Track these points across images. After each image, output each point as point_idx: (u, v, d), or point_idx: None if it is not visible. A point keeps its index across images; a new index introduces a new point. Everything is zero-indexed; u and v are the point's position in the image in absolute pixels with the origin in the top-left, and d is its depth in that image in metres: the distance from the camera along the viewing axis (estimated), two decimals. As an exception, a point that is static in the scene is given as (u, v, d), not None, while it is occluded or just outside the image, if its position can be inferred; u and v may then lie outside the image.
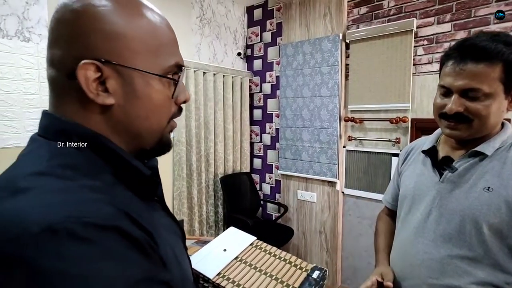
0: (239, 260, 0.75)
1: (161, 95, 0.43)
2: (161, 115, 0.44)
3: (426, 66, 1.99)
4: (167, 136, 0.47)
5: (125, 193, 0.40)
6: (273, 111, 2.92)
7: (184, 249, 0.51)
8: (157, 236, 0.38)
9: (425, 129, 2.00)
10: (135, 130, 0.42)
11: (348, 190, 2.38)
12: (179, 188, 2.39)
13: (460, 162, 0.77)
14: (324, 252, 2.52)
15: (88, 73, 0.37)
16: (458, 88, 0.71)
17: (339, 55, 2.31)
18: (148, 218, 0.40)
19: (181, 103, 0.47)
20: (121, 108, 0.41)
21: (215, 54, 2.76)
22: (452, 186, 0.77)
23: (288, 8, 2.61)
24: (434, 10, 1.93)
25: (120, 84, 0.40)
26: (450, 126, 0.75)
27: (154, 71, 0.42)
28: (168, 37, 0.44)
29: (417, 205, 0.84)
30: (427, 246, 0.78)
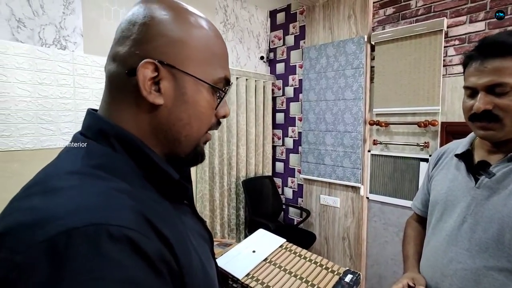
0: (268, 262, 0.74)
1: (207, 104, 0.44)
2: (202, 123, 0.45)
3: (457, 67, 1.91)
4: (201, 147, 0.48)
5: (154, 196, 0.40)
6: (296, 115, 2.90)
7: (210, 254, 0.51)
8: (180, 245, 0.37)
9: (456, 133, 1.91)
10: (174, 134, 0.43)
11: (373, 195, 2.32)
12: (201, 191, 2.42)
13: (498, 166, 0.73)
14: (347, 259, 2.46)
15: (146, 71, 0.39)
16: (483, 85, 0.69)
17: (363, 57, 2.26)
18: (174, 223, 0.39)
19: (221, 116, 0.49)
20: (168, 109, 0.42)
21: (238, 58, 2.79)
22: (489, 193, 0.73)
23: (311, 11, 2.60)
24: (466, 8, 1.85)
25: (172, 87, 0.42)
26: (482, 127, 0.72)
27: (205, 79, 0.43)
28: (221, 50, 0.46)
29: (449, 211, 0.80)
30: (461, 255, 0.74)
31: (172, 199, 0.43)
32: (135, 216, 0.33)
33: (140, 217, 0.33)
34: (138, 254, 0.30)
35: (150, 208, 0.36)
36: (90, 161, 0.37)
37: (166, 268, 0.33)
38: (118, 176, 0.37)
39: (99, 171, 0.36)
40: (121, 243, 0.30)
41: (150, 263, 0.31)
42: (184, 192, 0.47)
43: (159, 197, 0.41)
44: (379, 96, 2.23)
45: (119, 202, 0.33)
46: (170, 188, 0.43)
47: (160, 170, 0.41)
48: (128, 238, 0.30)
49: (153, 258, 0.31)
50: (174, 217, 0.41)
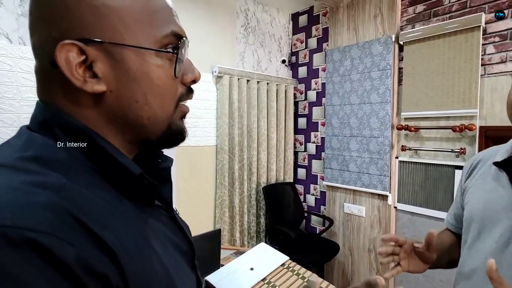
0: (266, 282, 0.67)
1: (161, 73, 0.36)
2: (165, 98, 0.38)
3: (498, 66, 1.73)
4: (177, 124, 0.40)
5: (106, 195, 0.33)
6: (319, 119, 2.80)
7: (189, 266, 0.43)
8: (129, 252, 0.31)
9: (497, 138, 1.73)
10: (134, 118, 0.36)
11: (401, 205, 2.15)
12: (221, 197, 2.38)
13: None
14: (374, 273, 2.30)
15: (69, 56, 0.32)
16: None
17: (391, 58, 2.14)
18: (129, 227, 0.33)
19: (190, 82, 0.41)
20: (115, 94, 0.35)
21: (259, 61, 2.75)
22: None
23: (335, 12, 2.51)
24: (507, 2, 1.68)
25: (110, 66, 0.34)
26: None
27: (148, 45, 0.35)
28: (160, 3, 0.37)
29: (489, 229, 0.69)
30: None
31: (136, 199, 0.36)
32: (54, 216, 0.26)
33: (63, 217, 0.27)
34: (50, 262, 0.24)
35: (90, 208, 0.30)
36: (24, 153, 0.31)
37: (96, 279, 0.27)
38: (57, 170, 0.31)
39: (30, 164, 0.30)
40: (23, 250, 0.24)
41: (67, 273, 0.25)
42: (152, 191, 0.39)
43: (116, 196, 0.34)
44: (408, 99, 2.09)
45: (31, 199, 0.27)
46: (131, 185, 0.36)
47: (116, 163, 0.35)
48: (33, 243, 0.24)
49: (73, 267, 0.25)
50: (133, 220, 0.35)
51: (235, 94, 2.42)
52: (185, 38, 0.39)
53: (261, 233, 2.68)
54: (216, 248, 1.25)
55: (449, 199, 1.91)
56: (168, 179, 0.44)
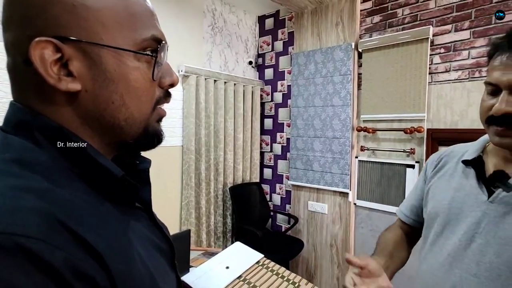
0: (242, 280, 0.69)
1: (139, 75, 0.37)
2: (142, 100, 0.38)
3: (443, 75, 1.93)
4: (154, 126, 0.41)
5: (87, 197, 0.33)
6: (284, 121, 2.89)
7: (169, 267, 0.44)
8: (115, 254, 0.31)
9: (441, 139, 1.93)
10: (110, 120, 0.36)
11: (360, 201, 2.30)
12: (187, 198, 2.35)
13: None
14: (335, 267, 2.43)
15: (44, 53, 0.31)
16: (508, 83, 0.58)
17: (351, 64, 2.27)
18: (112, 229, 0.33)
19: (168, 86, 0.41)
20: (90, 94, 0.35)
21: (226, 62, 2.76)
22: (507, 209, 0.61)
23: (300, 17, 2.60)
24: (451, 17, 1.88)
25: (86, 66, 0.34)
26: (499, 133, 0.60)
27: (126, 47, 0.35)
28: (141, 6, 0.38)
29: (453, 226, 0.69)
30: (467, 281, 0.63)
31: (117, 201, 0.37)
32: (41, 220, 0.27)
33: (50, 221, 0.27)
34: (39, 267, 0.25)
35: (74, 211, 0.30)
36: (3, 155, 0.31)
37: (84, 282, 0.27)
38: (39, 173, 0.30)
39: (13, 166, 0.30)
40: (13, 256, 0.24)
41: (56, 277, 0.25)
42: (133, 193, 0.39)
43: (97, 198, 0.34)
44: (366, 102, 2.24)
45: (18, 204, 0.27)
46: (112, 187, 0.36)
47: (97, 165, 0.35)
48: (23, 248, 0.24)
49: (61, 271, 0.26)
50: (115, 222, 0.35)
51: (202, 94, 2.40)
52: (164, 42, 0.40)
53: (227, 233, 2.70)
54: (186, 249, 1.24)
55: (401, 195, 2.08)
56: (147, 181, 0.44)
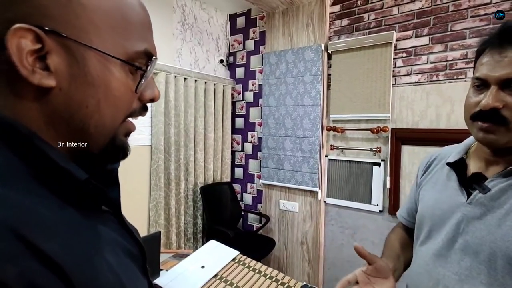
0: (218, 278, 0.68)
1: (121, 85, 0.34)
2: (117, 110, 0.35)
3: (405, 78, 2.04)
4: (121, 139, 0.38)
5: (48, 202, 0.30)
6: (256, 120, 2.89)
7: (140, 272, 0.42)
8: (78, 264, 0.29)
9: (405, 138, 2.04)
10: (79, 124, 0.33)
11: (330, 199, 2.37)
12: (156, 199, 2.27)
13: (494, 181, 0.63)
14: (305, 264, 2.47)
15: (22, 42, 0.28)
16: (497, 78, 0.58)
17: (321, 65, 2.33)
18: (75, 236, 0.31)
19: (148, 100, 0.39)
20: (64, 93, 0.32)
21: (196, 60, 2.70)
22: (483, 210, 0.62)
23: (271, 17, 2.62)
24: (412, 24, 2.00)
25: (66, 63, 0.31)
26: (484, 128, 0.60)
27: (116, 54, 0.33)
28: (140, 17, 0.36)
29: (438, 228, 0.70)
30: (449, 279, 0.65)
31: (82, 205, 0.33)
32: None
33: (1, 231, 0.24)
34: None
35: (30, 218, 0.27)
36: None
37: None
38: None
39: None
40: None
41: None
42: (100, 196, 0.37)
43: (58, 204, 0.31)
44: (335, 103, 2.31)
45: None
46: (75, 191, 0.33)
47: (59, 169, 0.31)
48: None
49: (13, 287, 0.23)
50: (79, 229, 0.32)
51: (171, 92, 2.33)
52: (155, 58, 0.38)
53: (198, 234, 2.64)
54: (156, 251, 1.19)
55: (368, 192, 2.18)
56: (115, 182, 0.41)
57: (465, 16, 1.82)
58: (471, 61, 1.80)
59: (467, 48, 1.82)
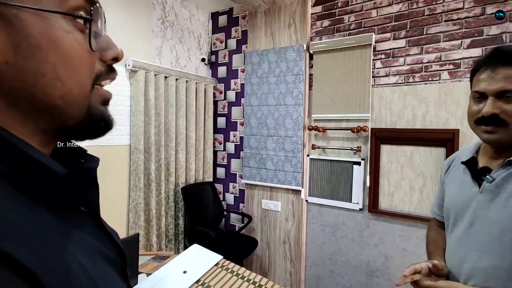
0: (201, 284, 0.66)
1: (73, 41, 0.30)
2: (79, 72, 0.31)
3: (383, 79, 2.10)
4: (98, 108, 0.34)
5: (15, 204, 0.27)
6: (238, 119, 2.87)
7: (120, 276, 0.39)
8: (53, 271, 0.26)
9: (384, 138, 2.09)
10: (43, 98, 0.30)
11: (311, 198, 2.40)
12: (135, 200, 2.21)
13: (497, 172, 0.78)
14: (288, 262, 2.49)
15: None
16: (494, 91, 0.74)
17: (303, 65, 2.35)
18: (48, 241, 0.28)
19: (110, 60, 0.35)
20: (13, 66, 0.28)
21: (177, 58, 2.65)
22: (491, 196, 0.78)
23: (253, 16, 2.62)
24: (390, 26, 2.06)
25: (3, 32, 0.27)
26: (488, 130, 0.76)
27: (52, 7, 0.29)
28: None
29: (461, 216, 0.85)
30: (471, 256, 0.79)
31: (56, 206, 0.31)
32: None
33: None
34: None
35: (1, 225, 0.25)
36: None
37: None
38: None
39: None
40: None
41: None
42: (78, 195, 0.33)
43: (28, 205, 0.28)
44: (317, 102, 2.33)
45: None
46: (51, 189, 0.30)
47: (31, 162, 0.28)
48: None
49: None
50: (52, 233, 0.29)
51: (151, 91, 2.27)
52: (99, 5, 0.34)
53: (179, 235, 2.59)
54: (134, 254, 1.15)
55: (349, 190, 2.22)
56: (94, 182, 0.38)
57: (439, 20, 1.89)
58: (445, 63, 1.89)
59: (441, 51, 1.90)
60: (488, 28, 1.76)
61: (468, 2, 1.81)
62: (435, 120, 1.92)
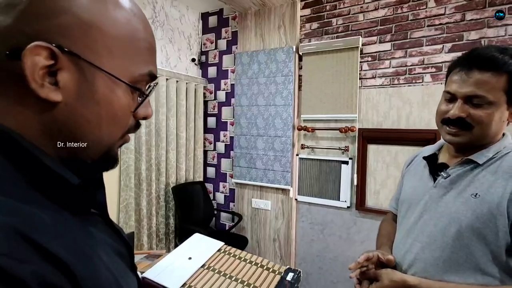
0: (206, 268, 0.70)
1: (124, 105, 0.37)
2: (116, 127, 0.38)
3: (370, 81, 2.17)
4: (114, 151, 0.40)
5: (43, 207, 0.31)
6: (228, 119, 2.90)
7: (129, 269, 0.44)
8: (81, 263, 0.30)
9: (370, 138, 2.17)
10: (78, 137, 0.35)
11: (301, 197, 2.45)
12: (126, 200, 2.20)
13: (453, 169, 0.80)
14: (278, 260, 2.54)
15: (37, 58, 0.30)
16: (464, 94, 0.73)
17: (292, 66, 2.40)
18: (73, 238, 0.32)
19: (141, 118, 0.41)
20: (70, 108, 0.33)
21: (168, 58, 2.66)
22: (444, 191, 0.79)
23: (243, 17, 2.65)
24: (376, 30, 2.13)
25: (76, 80, 0.33)
26: (451, 132, 0.77)
27: (123, 77, 0.35)
28: (147, 42, 0.38)
29: (412, 209, 0.87)
30: (414, 247, 0.81)
31: (74, 209, 0.35)
32: (3, 234, 0.25)
33: (11, 235, 0.25)
34: (7, 283, 0.23)
35: (33, 222, 0.28)
36: None
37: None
38: None
39: None
40: None
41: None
42: (89, 200, 0.38)
43: (53, 208, 0.32)
44: (306, 103, 2.39)
45: None
46: (68, 196, 0.34)
47: (53, 174, 0.33)
48: None
49: (30, 285, 0.24)
50: (76, 232, 0.34)
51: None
52: (157, 81, 0.40)
53: (170, 235, 2.60)
54: (129, 252, 1.17)
55: (337, 189, 2.28)
56: (101, 184, 0.42)
57: (423, 25, 1.97)
58: (428, 66, 1.97)
59: (424, 55, 1.98)
60: (468, 33, 1.86)
61: (449, 8, 1.91)
62: (418, 121, 2.00)
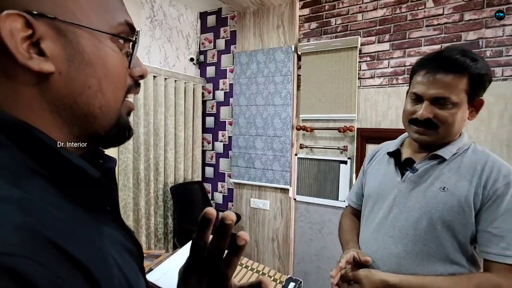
0: None
1: (118, 60, 0.35)
2: (117, 87, 0.36)
3: (369, 80, 2.17)
4: (125, 118, 0.39)
5: (61, 204, 0.29)
6: (226, 119, 2.89)
7: (139, 270, 0.42)
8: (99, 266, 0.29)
9: (369, 137, 2.17)
10: (84, 107, 0.33)
11: (299, 196, 2.45)
12: (124, 199, 2.19)
13: (420, 164, 0.83)
14: (276, 259, 2.54)
15: (13, 26, 0.28)
16: (431, 96, 0.76)
17: (291, 65, 2.40)
18: (91, 238, 0.31)
19: (137, 76, 0.40)
20: (65, 77, 0.31)
21: (166, 57, 2.65)
22: (412, 186, 0.82)
23: (242, 17, 2.64)
24: (375, 30, 2.13)
25: (61, 46, 0.31)
26: (419, 132, 0.80)
27: (103, 29, 0.33)
28: None
29: (380, 203, 0.89)
30: (387, 242, 0.83)
31: (90, 206, 0.33)
32: (26, 236, 0.24)
33: (35, 237, 0.24)
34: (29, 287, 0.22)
35: (54, 222, 0.27)
36: None
37: None
38: (6, 179, 0.26)
39: None
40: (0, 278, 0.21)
41: None
42: (107, 196, 0.36)
43: (69, 205, 0.31)
44: (305, 103, 2.39)
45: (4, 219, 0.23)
46: (87, 191, 0.32)
47: (70, 166, 0.31)
48: (9, 270, 0.21)
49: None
50: (91, 230, 0.32)
51: (140, 90, 2.26)
52: (139, 30, 0.39)
53: (169, 235, 2.59)
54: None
55: (336, 189, 2.29)
56: (113, 181, 0.41)
57: (421, 25, 1.98)
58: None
59: (422, 55, 1.97)
60: (466, 33, 1.86)
61: (447, 8, 1.91)
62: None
